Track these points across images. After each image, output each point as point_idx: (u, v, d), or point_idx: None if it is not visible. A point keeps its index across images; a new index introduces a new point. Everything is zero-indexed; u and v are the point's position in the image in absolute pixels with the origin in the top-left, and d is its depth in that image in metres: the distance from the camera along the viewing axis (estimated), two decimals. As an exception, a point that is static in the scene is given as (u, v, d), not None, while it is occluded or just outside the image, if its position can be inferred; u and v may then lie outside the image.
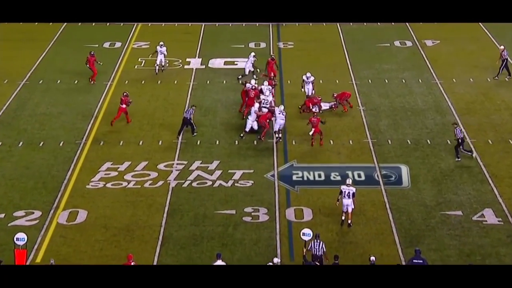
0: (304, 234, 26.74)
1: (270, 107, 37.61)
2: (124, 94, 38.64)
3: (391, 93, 42.89)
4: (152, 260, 27.93)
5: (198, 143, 36.71)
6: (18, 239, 26.30)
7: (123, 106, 38.25)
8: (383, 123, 39.09)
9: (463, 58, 48.49)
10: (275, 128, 36.66)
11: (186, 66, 46.90)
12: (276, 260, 25.79)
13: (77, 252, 28.33)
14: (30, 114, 39.95)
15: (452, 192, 32.60)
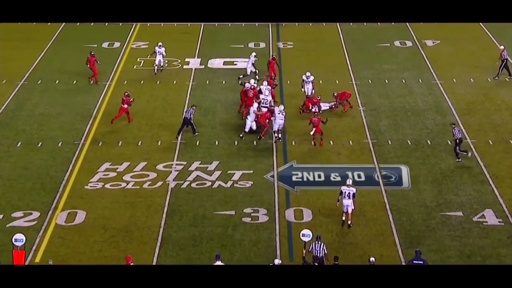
0: (303, 235, 26.63)
1: (269, 106, 37.52)
2: (126, 94, 38.55)
3: (391, 93, 42.78)
4: (151, 261, 27.80)
5: (197, 143, 36.59)
6: (16, 240, 26.18)
7: (124, 106, 38.15)
8: (383, 123, 38.98)
9: (463, 58, 48.40)
10: (274, 128, 36.56)
11: (185, 66, 46.78)
12: (277, 261, 25.69)
13: (75, 253, 28.20)
14: (29, 114, 39.83)
15: (453, 192, 32.49)
